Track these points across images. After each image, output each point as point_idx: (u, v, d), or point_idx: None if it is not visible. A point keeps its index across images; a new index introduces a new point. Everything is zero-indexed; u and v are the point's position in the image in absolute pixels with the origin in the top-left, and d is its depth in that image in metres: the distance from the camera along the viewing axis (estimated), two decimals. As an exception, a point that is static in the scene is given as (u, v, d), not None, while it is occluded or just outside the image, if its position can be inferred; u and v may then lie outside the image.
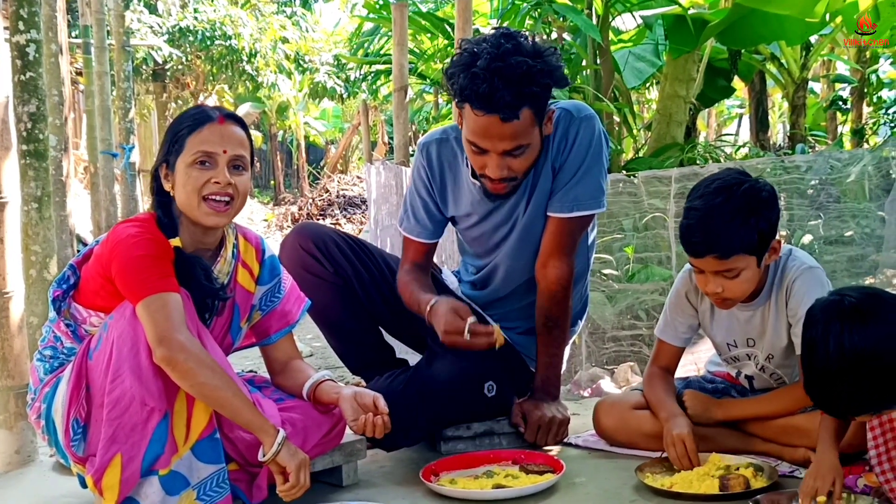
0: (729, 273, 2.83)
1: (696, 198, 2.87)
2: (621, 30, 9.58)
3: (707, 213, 2.80)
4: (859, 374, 2.28)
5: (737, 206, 2.79)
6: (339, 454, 2.95)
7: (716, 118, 24.59)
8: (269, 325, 2.93)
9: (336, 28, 30.11)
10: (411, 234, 3.37)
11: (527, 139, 3.00)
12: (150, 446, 2.46)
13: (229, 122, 2.71)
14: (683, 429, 2.91)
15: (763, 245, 2.84)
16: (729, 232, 2.78)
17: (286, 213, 22.34)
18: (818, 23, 7.85)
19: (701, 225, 2.81)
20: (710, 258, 2.81)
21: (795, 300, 2.92)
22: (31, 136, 3.90)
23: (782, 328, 2.99)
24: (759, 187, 2.86)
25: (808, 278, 2.93)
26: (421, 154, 3.35)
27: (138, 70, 19.31)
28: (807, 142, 10.59)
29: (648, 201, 5.60)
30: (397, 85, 7.70)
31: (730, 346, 3.13)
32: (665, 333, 3.21)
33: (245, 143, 2.73)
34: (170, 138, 2.70)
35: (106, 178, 9.55)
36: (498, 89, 2.86)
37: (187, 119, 2.70)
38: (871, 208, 5.76)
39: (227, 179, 2.64)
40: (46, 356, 2.71)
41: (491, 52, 2.90)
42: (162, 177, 2.71)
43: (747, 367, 3.15)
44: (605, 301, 5.47)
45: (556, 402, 3.31)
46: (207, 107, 2.77)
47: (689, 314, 3.16)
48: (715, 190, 2.84)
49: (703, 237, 2.80)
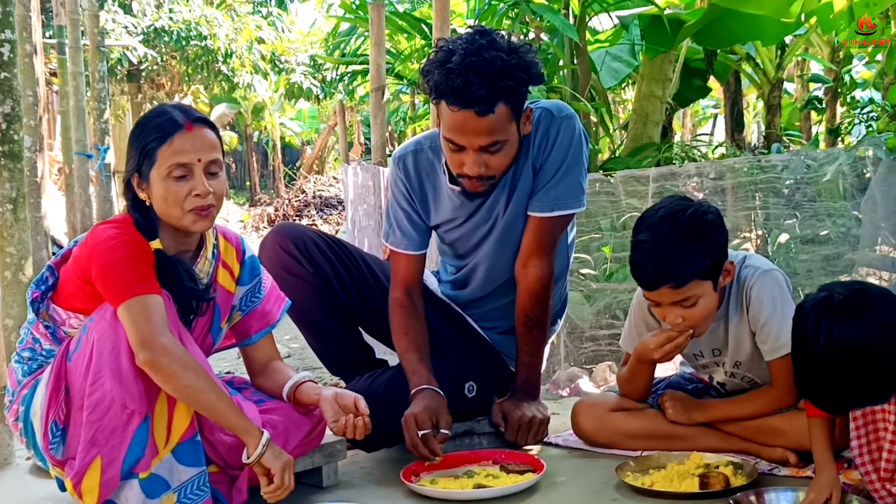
0: (686, 302, 2.81)
1: (642, 230, 2.84)
2: (598, 30, 9.59)
3: (655, 244, 2.78)
4: (850, 369, 2.30)
5: (684, 233, 2.77)
6: (319, 455, 2.94)
7: (691, 118, 24.67)
8: (250, 326, 2.92)
9: (312, 28, 30.04)
10: (399, 247, 3.33)
11: (503, 135, 3.00)
12: (130, 449, 2.45)
13: (198, 126, 2.65)
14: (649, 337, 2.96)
15: (716, 268, 2.83)
16: (680, 260, 2.75)
17: (262, 214, 22.25)
18: (793, 23, 7.88)
19: (651, 256, 2.78)
20: (665, 289, 2.79)
21: (755, 307, 2.92)
22: (6, 136, 3.87)
23: (745, 336, 2.99)
24: (704, 210, 2.84)
25: (765, 283, 2.92)
26: (397, 167, 3.34)
27: (113, 71, 19.21)
28: (782, 141, 10.64)
29: (626, 201, 5.61)
30: (374, 85, 7.67)
31: (696, 356, 3.13)
32: (630, 346, 3.17)
33: (216, 145, 2.69)
34: (138, 149, 2.63)
35: (81, 180, 9.47)
36: (472, 83, 2.87)
37: (153, 129, 2.63)
38: (846, 207, 5.79)
39: (206, 189, 2.62)
40: (25, 358, 2.69)
41: (466, 48, 2.90)
42: (135, 186, 2.67)
43: (717, 374, 3.16)
44: (583, 300, 5.47)
45: (537, 401, 3.31)
46: (171, 111, 2.67)
47: (653, 327, 3.11)
48: (660, 219, 2.81)
49: (655, 268, 2.78)
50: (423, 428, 2.95)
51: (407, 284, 3.30)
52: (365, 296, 3.42)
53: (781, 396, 2.91)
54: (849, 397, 2.37)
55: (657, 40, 8.07)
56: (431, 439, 2.95)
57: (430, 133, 3.36)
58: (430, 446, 2.95)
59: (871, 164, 5.78)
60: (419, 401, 3.03)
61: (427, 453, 2.95)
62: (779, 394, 2.92)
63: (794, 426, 2.86)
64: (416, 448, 2.95)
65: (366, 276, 3.43)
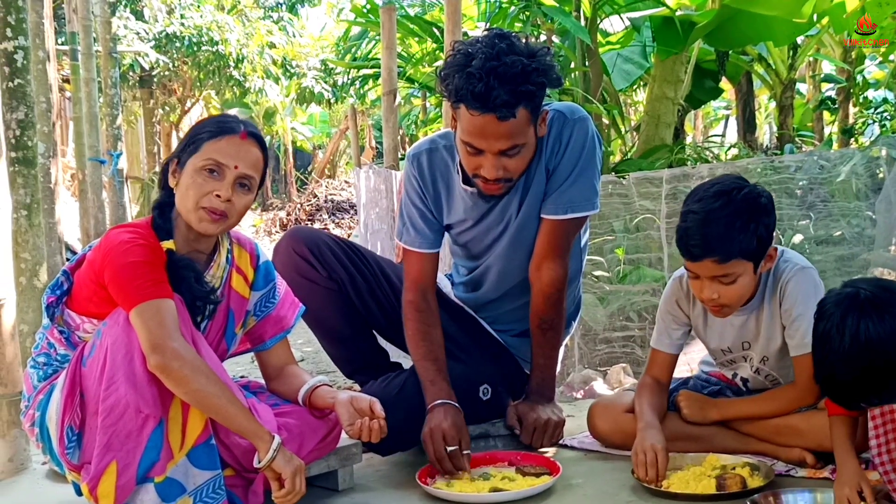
0: (726, 278, 2.81)
1: (694, 202, 2.85)
2: (609, 32, 9.59)
3: (706, 217, 2.78)
4: (875, 365, 2.30)
5: (736, 211, 2.77)
6: (334, 459, 2.94)
7: (702, 120, 24.64)
8: (264, 331, 2.92)
9: (323, 33, 30.09)
10: (412, 245, 3.31)
11: (522, 139, 3.00)
12: (145, 453, 2.45)
13: (251, 139, 2.70)
14: (657, 441, 2.87)
15: (760, 251, 2.83)
16: (728, 236, 2.76)
17: (274, 218, 22.30)
18: (805, 23, 7.88)
19: (699, 228, 2.79)
20: (708, 262, 2.79)
21: (789, 301, 2.91)
22: (20, 143, 3.89)
23: (776, 330, 2.98)
24: (758, 193, 2.85)
25: (802, 279, 2.92)
26: (412, 165, 3.33)
27: (125, 76, 19.27)
28: (794, 142, 10.62)
29: (639, 203, 5.60)
30: (386, 89, 7.69)
31: (724, 351, 3.12)
32: (660, 343, 3.17)
33: (259, 166, 2.71)
34: (189, 137, 2.70)
35: (94, 185, 9.52)
36: (494, 88, 2.86)
37: (211, 124, 2.70)
38: (860, 207, 5.78)
39: (228, 195, 2.63)
40: (40, 363, 2.69)
41: (486, 51, 2.89)
42: (170, 171, 2.71)
43: (743, 369, 3.14)
44: (597, 303, 5.47)
45: (552, 403, 3.31)
46: (235, 118, 2.75)
47: (682, 321, 3.13)
48: (714, 194, 2.82)
49: (702, 240, 2.78)
50: (452, 444, 2.93)
51: (421, 284, 3.28)
52: (379, 299, 3.41)
53: (802, 395, 2.89)
54: (870, 393, 2.37)
55: (669, 42, 8.07)
56: (460, 456, 2.94)
57: (445, 132, 3.35)
58: (457, 463, 2.94)
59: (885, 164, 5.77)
60: (443, 415, 3.00)
61: (452, 469, 2.93)
62: (799, 392, 2.89)
63: (812, 426, 2.84)
64: (441, 462, 2.94)
65: (380, 280, 3.43)
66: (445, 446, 2.93)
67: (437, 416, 3.00)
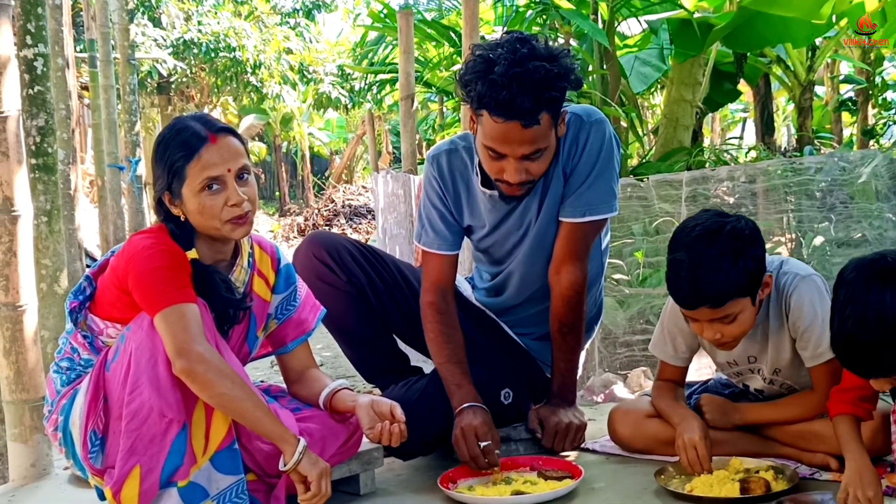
0: (725, 319, 2.78)
1: (679, 248, 2.80)
2: (626, 35, 9.56)
3: (693, 265, 2.73)
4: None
5: (721, 252, 2.72)
6: (356, 463, 2.94)
7: (719, 122, 24.56)
8: (286, 334, 2.93)
9: (339, 38, 30.15)
10: (431, 247, 3.30)
11: (545, 142, 2.99)
12: (168, 458, 2.46)
13: (221, 136, 2.64)
14: (695, 433, 2.88)
15: (754, 284, 2.79)
16: (719, 280, 2.71)
17: (292, 223, 22.33)
18: (824, 24, 7.83)
19: (689, 277, 2.74)
20: (704, 309, 2.76)
21: (795, 313, 2.88)
22: (40, 149, 3.91)
23: (785, 343, 2.95)
24: (742, 227, 2.79)
25: (804, 289, 2.88)
26: (431, 166, 3.33)
27: (143, 83, 19.36)
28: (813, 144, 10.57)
29: (659, 205, 5.57)
30: (404, 93, 7.68)
31: (730, 364, 3.10)
32: (664, 354, 3.15)
33: (242, 152, 2.68)
34: (165, 168, 2.62)
35: (113, 192, 9.57)
36: (518, 95, 2.84)
37: (178, 146, 2.61)
38: (882, 209, 5.74)
39: (240, 198, 2.62)
40: (63, 368, 2.70)
41: (508, 57, 2.87)
42: (167, 203, 2.67)
43: (753, 381, 3.12)
44: (617, 306, 5.45)
45: (573, 407, 3.30)
46: (192, 124, 2.65)
47: (689, 336, 3.08)
48: (696, 238, 2.76)
49: (693, 290, 2.75)
50: (483, 440, 2.96)
51: (440, 286, 3.27)
52: (399, 303, 3.41)
53: (823, 402, 2.86)
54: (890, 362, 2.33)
55: (686, 44, 8.03)
56: (492, 451, 2.96)
57: (464, 134, 3.34)
58: (490, 459, 2.95)
59: (906, 166, 5.73)
60: (472, 415, 3.02)
61: (486, 466, 2.95)
62: (820, 399, 2.87)
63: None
64: (475, 460, 2.95)
65: (399, 284, 3.43)
66: (478, 442, 2.94)
67: (467, 417, 3.01)
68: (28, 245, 3.32)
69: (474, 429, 2.97)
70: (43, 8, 4.04)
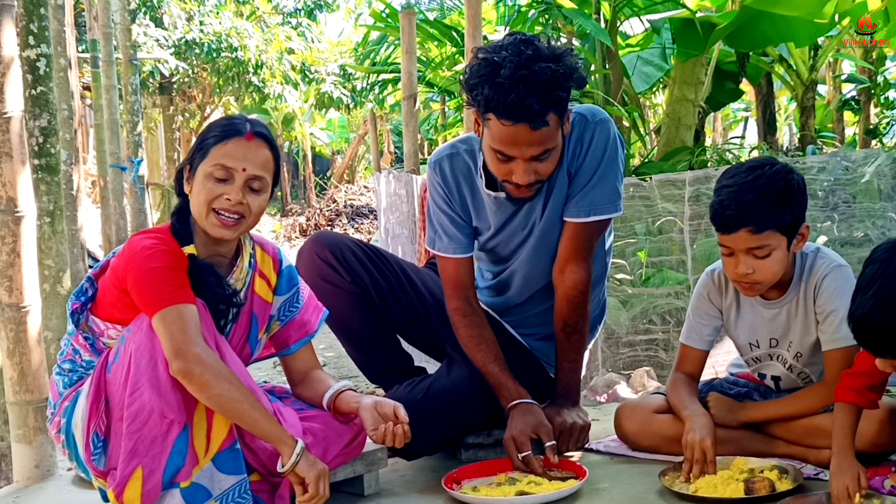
0: (760, 251, 2.81)
1: (728, 178, 2.89)
2: (629, 34, 9.56)
3: (740, 189, 2.81)
4: None
5: (769, 184, 2.80)
6: (360, 464, 2.93)
7: (721, 122, 24.55)
8: (289, 336, 2.92)
9: (341, 38, 30.15)
10: (447, 252, 3.28)
11: (553, 142, 2.99)
12: (170, 459, 2.45)
13: (258, 139, 2.67)
14: (705, 433, 2.86)
15: (794, 227, 2.84)
16: (762, 206, 2.78)
17: (293, 224, 22.35)
18: (826, 24, 7.84)
19: (734, 199, 2.81)
20: (744, 232, 2.80)
21: (825, 296, 2.91)
22: (43, 150, 3.91)
23: (811, 325, 2.97)
24: (791, 170, 2.87)
25: (838, 276, 2.91)
26: (434, 172, 3.32)
27: (145, 83, 19.37)
28: (816, 143, 10.56)
29: (662, 205, 5.57)
30: (406, 93, 7.68)
31: (752, 346, 3.11)
32: (690, 339, 3.18)
33: (268, 165, 2.70)
34: (198, 142, 2.69)
35: (115, 192, 9.56)
36: (525, 98, 2.83)
37: (217, 128, 2.69)
38: (885, 208, 5.74)
39: (238, 198, 2.62)
40: (65, 370, 2.70)
41: (513, 60, 2.86)
42: (184, 177, 2.71)
43: (771, 368, 3.12)
44: (620, 306, 5.45)
45: (577, 407, 3.29)
46: (240, 119, 2.72)
47: (712, 315, 3.14)
48: (747, 169, 2.86)
49: (737, 210, 2.80)
50: (522, 451, 2.98)
51: (462, 289, 3.26)
52: (403, 303, 3.41)
53: (830, 393, 2.85)
54: None
55: (689, 44, 8.04)
56: (532, 461, 2.96)
57: (466, 137, 3.34)
58: (531, 468, 2.96)
59: (909, 165, 5.73)
60: (516, 420, 3.05)
61: (539, 471, 2.97)
62: (828, 388, 2.85)
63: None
64: (528, 465, 2.98)
65: (403, 284, 3.42)
66: (532, 443, 2.99)
67: (512, 424, 3.05)
68: (31, 246, 3.32)
69: (513, 439, 3.00)
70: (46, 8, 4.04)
